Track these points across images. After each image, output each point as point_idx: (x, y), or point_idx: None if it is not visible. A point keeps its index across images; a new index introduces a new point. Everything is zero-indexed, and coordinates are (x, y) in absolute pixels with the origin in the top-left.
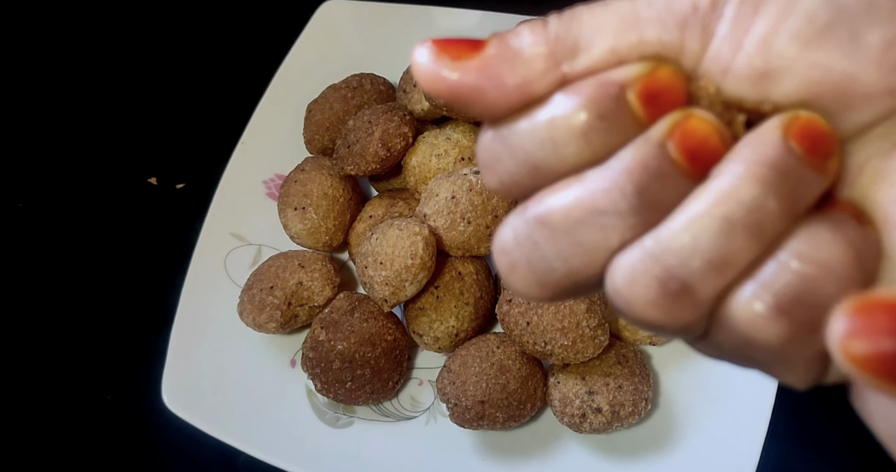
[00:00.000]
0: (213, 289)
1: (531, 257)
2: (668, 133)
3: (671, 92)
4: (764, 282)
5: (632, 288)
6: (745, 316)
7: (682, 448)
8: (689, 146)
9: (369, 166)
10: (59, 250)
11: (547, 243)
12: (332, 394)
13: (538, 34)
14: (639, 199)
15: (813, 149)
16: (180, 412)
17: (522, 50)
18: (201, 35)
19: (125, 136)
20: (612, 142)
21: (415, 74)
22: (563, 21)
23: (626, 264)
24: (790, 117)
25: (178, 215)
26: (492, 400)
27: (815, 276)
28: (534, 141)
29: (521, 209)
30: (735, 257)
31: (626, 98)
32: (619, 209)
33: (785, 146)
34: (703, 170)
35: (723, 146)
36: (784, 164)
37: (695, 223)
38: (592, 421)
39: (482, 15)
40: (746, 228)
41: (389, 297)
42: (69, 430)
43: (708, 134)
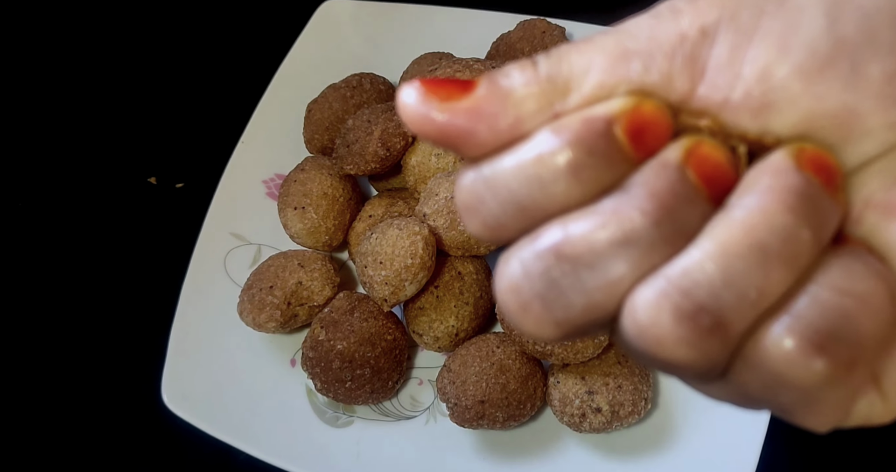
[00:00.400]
0: (213, 289)
1: (547, 294)
2: (684, 158)
3: (657, 125)
4: (799, 316)
5: (659, 325)
6: (779, 352)
7: (681, 448)
8: (706, 171)
9: (369, 166)
10: (59, 250)
11: (566, 278)
12: (332, 393)
13: (528, 74)
14: (663, 225)
15: (826, 179)
16: (180, 411)
17: (514, 90)
18: (201, 35)
19: (125, 135)
20: (601, 178)
21: (401, 114)
22: (551, 60)
23: (651, 299)
24: (798, 148)
25: (177, 215)
26: (492, 400)
27: (853, 309)
28: (520, 180)
29: (528, 243)
30: (769, 289)
31: (613, 133)
32: (644, 237)
33: (803, 175)
34: (720, 195)
35: (734, 173)
36: (808, 192)
37: (725, 253)
38: (592, 421)
39: (482, 14)
40: (781, 257)
41: (389, 296)
42: (69, 429)
43: (721, 160)
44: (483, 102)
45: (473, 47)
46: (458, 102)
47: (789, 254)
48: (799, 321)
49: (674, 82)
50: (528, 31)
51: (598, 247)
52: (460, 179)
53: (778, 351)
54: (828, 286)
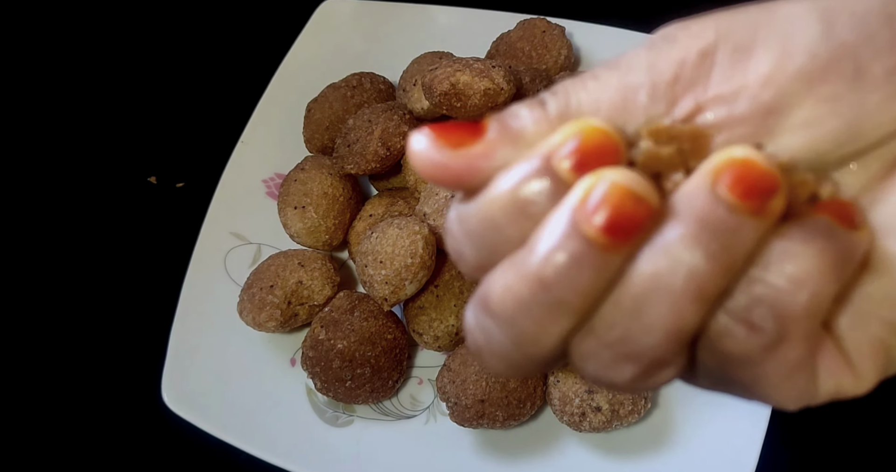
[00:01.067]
0: (213, 288)
1: (489, 342)
2: (578, 208)
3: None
4: (735, 304)
5: (607, 375)
6: (719, 335)
7: (681, 447)
8: (618, 222)
9: (369, 165)
10: (59, 250)
11: (497, 329)
12: (332, 393)
13: (538, 114)
14: (560, 289)
15: (747, 193)
16: (180, 410)
17: (525, 131)
18: (201, 35)
19: (125, 135)
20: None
21: (413, 163)
22: (559, 98)
23: (590, 354)
24: (722, 161)
25: (177, 214)
26: (491, 399)
27: (784, 287)
28: (480, 222)
29: (475, 295)
30: (687, 322)
31: (557, 168)
32: (547, 300)
33: (713, 197)
34: (629, 240)
35: (646, 210)
36: (714, 218)
37: (637, 301)
38: (592, 420)
39: (482, 14)
40: (687, 294)
41: (389, 296)
42: (69, 430)
43: (622, 201)
44: (495, 145)
45: (473, 46)
46: (470, 148)
47: (695, 289)
48: (733, 307)
49: (680, 107)
50: (527, 30)
51: (509, 308)
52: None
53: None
54: (762, 272)
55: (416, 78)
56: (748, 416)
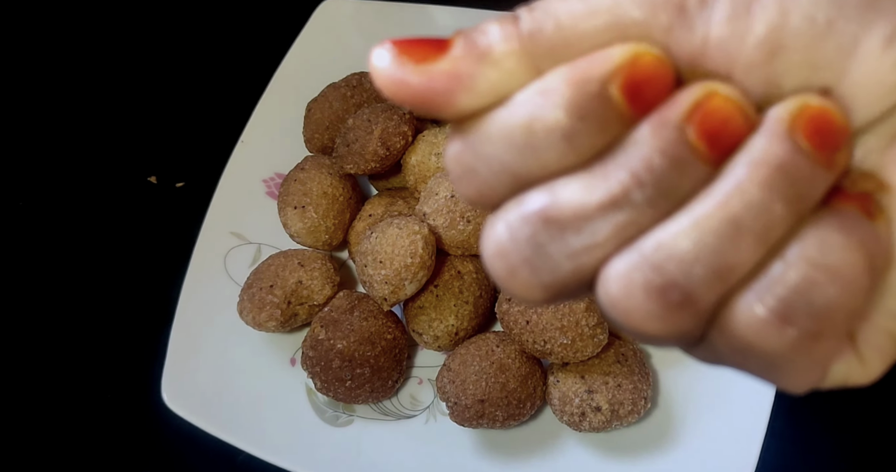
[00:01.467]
0: (213, 288)
1: (534, 258)
2: (686, 115)
3: (658, 80)
4: (768, 287)
5: (630, 299)
6: (747, 322)
7: (681, 447)
8: (710, 128)
9: (369, 165)
10: (60, 249)
11: (554, 242)
12: (332, 393)
13: (508, 30)
14: (656, 189)
15: (821, 143)
16: (180, 410)
17: (492, 48)
18: (201, 34)
19: (125, 134)
20: (597, 143)
21: (374, 79)
22: (535, 16)
23: (623, 272)
24: (798, 107)
25: (177, 214)
26: (491, 399)
27: (822, 281)
28: (511, 149)
29: (516, 207)
30: (739, 263)
31: (608, 94)
32: (632, 201)
33: (791, 143)
34: (724, 153)
35: (746, 127)
36: (790, 162)
37: (698, 227)
38: (592, 420)
39: (481, 13)
40: (752, 232)
41: (389, 295)
42: (69, 428)
43: (730, 115)
44: (460, 62)
45: None
46: (433, 63)
47: (762, 229)
48: (768, 292)
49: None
50: None
51: (585, 211)
52: (448, 148)
53: (745, 321)
54: (800, 257)
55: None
56: (748, 416)
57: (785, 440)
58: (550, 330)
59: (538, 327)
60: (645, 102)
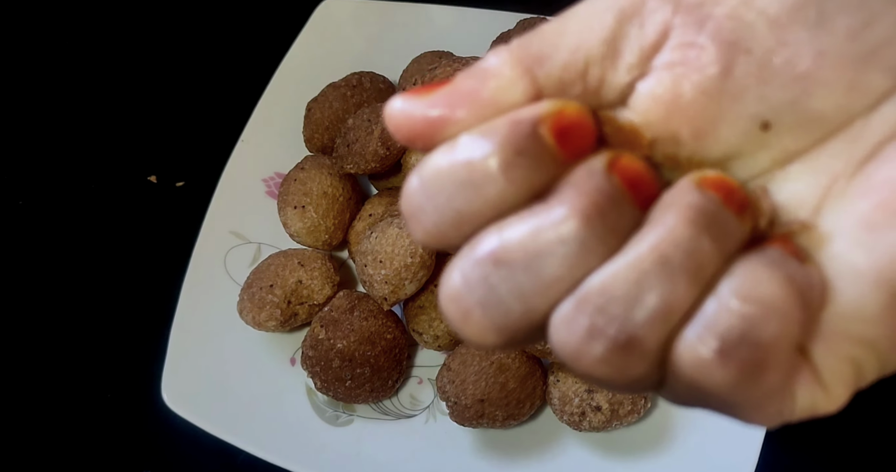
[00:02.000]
0: (213, 287)
1: (486, 300)
2: (608, 165)
3: (582, 127)
4: (705, 325)
5: (577, 343)
6: (691, 361)
7: (681, 447)
8: (629, 178)
9: (369, 165)
10: (59, 248)
11: (504, 282)
12: (332, 392)
13: (501, 50)
14: (595, 225)
15: (728, 198)
16: (180, 410)
17: (489, 64)
18: (201, 34)
19: (125, 134)
20: (532, 179)
21: (389, 126)
22: (523, 34)
23: (568, 316)
24: (700, 174)
25: (177, 213)
26: (491, 399)
27: (754, 314)
28: (454, 184)
29: (468, 252)
30: (677, 303)
31: (539, 133)
32: (577, 236)
33: (704, 193)
34: (646, 203)
35: (655, 185)
36: (708, 207)
37: (633, 269)
38: (592, 419)
39: (482, 13)
40: (684, 270)
41: (389, 295)
42: (68, 428)
43: (641, 169)
44: (462, 82)
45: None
46: (438, 90)
47: (693, 266)
48: (706, 330)
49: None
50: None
51: (533, 249)
52: (405, 187)
53: (690, 361)
54: (731, 292)
55: (416, 77)
56: None
57: (785, 440)
58: None
59: None
60: (572, 144)
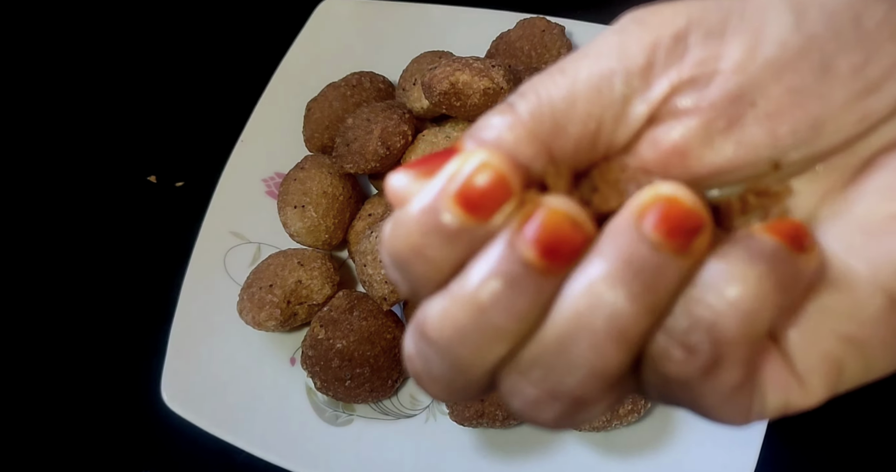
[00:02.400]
0: (213, 287)
1: (428, 368)
2: (516, 232)
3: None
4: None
5: (530, 411)
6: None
7: (681, 447)
8: (544, 243)
9: (369, 165)
10: (59, 248)
11: (436, 356)
12: (332, 392)
13: (509, 119)
14: (503, 309)
15: (671, 232)
16: (180, 409)
17: (502, 139)
18: (201, 34)
19: (125, 134)
20: (450, 256)
21: (391, 202)
22: (529, 99)
23: (513, 388)
24: (648, 198)
25: (177, 213)
26: (491, 398)
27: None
28: (406, 247)
29: (412, 322)
30: (610, 363)
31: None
32: (483, 325)
33: (638, 235)
34: (564, 264)
35: (581, 235)
36: (637, 256)
37: (560, 339)
38: None
39: (481, 13)
40: (609, 336)
41: (389, 295)
42: (69, 429)
43: (559, 225)
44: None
45: (473, 46)
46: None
47: (617, 330)
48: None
49: (654, 91)
50: (527, 29)
51: (447, 334)
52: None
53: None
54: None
55: (416, 77)
56: None
57: (785, 440)
58: None
59: None
60: (479, 212)
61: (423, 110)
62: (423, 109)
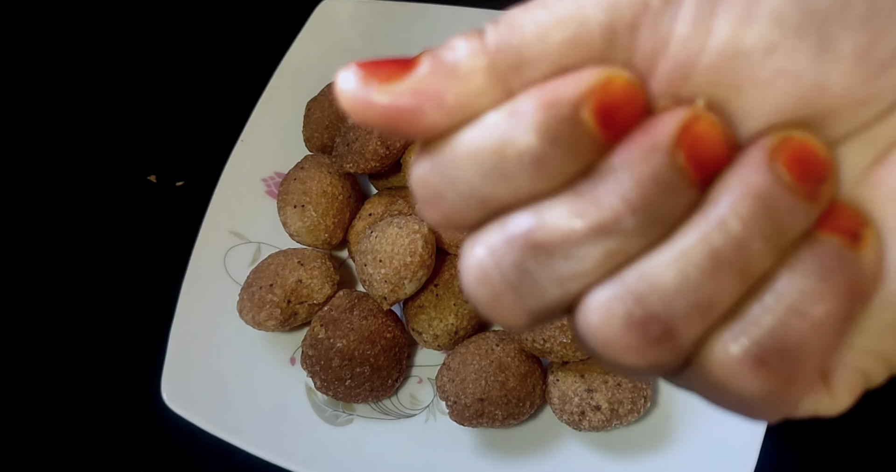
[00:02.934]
0: (213, 287)
1: (520, 284)
2: (677, 138)
3: (631, 105)
4: (745, 328)
5: (609, 330)
6: (723, 363)
7: (681, 447)
8: (698, 153)
9: (369, 164)
10: (59, 248)
11: (542, 268)
12: (332, 392)
13: (475, 45)
14: (646, 215)
15: (803, 175)
16: (180, 409)
17: (459, 64)
18: (201, 33)
19: (125, 133)
20: (568, 168)
21: (339, 102)
22: (501, 30)
23: (605, 302)
24: (780, 139)
25: (177, 213)
26: (491, 398)
27: (799, 327)
28: (480, 173)
29: (500, 230)
30: (721, 299)
31: (581, 119)
32: (624, 225)
33: (773, 174)
34: (709, 178)
35: (730, 152)
36: (772, 195)
37: (680, 261)
38: (591, 419)
39: (481, 13)
40: (733, 267)
41: (389, 295)
42: (69, 429)
43: (718, 139)
44: (426, 80)
45: None
46: (399, 82)
47: (743, 264)
48: (744, 334)
49: (635, 56)
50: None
51: (575, 236)
52: (415, 169)
53: (722, 362)
54: (779, 301)
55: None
56: None
57: (785, 440)
58: (550, 329)
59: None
60: (617, 126)
61: None
62: None
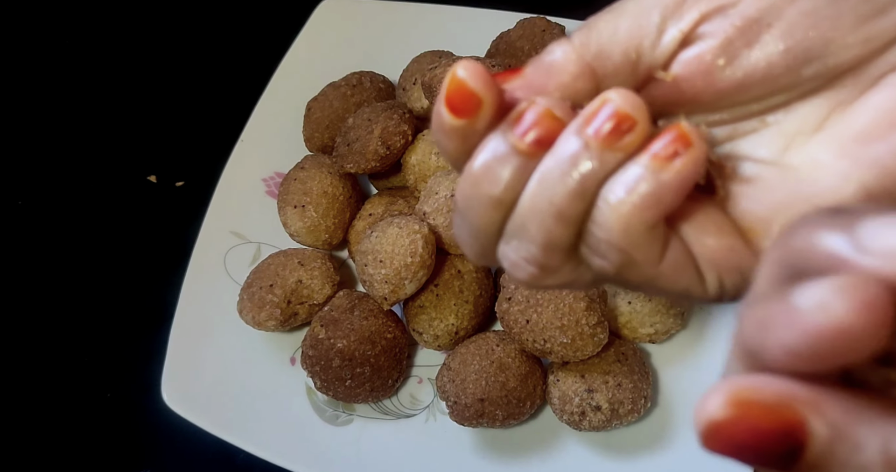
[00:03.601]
0: (213, 287)
1: (459, 233)
2: (513, 123)
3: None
4: (586, 241)
5: (513, 272)
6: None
7: (681, 446)
8: (534, 133)
9: (369, 164)
10: (59, 248)
11: (459, 221)
12: (332, 392)
13: (565, 45)
14: (486, 184)
15: (612, 131)
16: (180, 409)
17: (555, 61)
18: (201, 33)
19: (125, 133)
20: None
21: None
22: (583, 31)
23: (503, 252)
24: (595, 105)
25: (177, 213)
26: (491, 398)
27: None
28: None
29: None
30: (556, 237)
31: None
32: (479, 194)
33: (579, 139)
34: (542, 148)
35: (558, 125)
36: (571, 155)
37: (523, 216)
38: (592, 419)
39: (482, 13)
40: (551, 214)
41: (389, 295)
42: (69, 427)
43: (541, 119)
44: (532, 77)
45: (473, 46)
46: (513, 79)
47: (556, 210)
48: (585, 245)
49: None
50: (527, 29)
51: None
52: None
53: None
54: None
55: (416, 77)
56: None
57: None
58: (550, 329)
59: (538, 326)
60: (462, 111)
61: (424, 110)
62: (423, 109)
